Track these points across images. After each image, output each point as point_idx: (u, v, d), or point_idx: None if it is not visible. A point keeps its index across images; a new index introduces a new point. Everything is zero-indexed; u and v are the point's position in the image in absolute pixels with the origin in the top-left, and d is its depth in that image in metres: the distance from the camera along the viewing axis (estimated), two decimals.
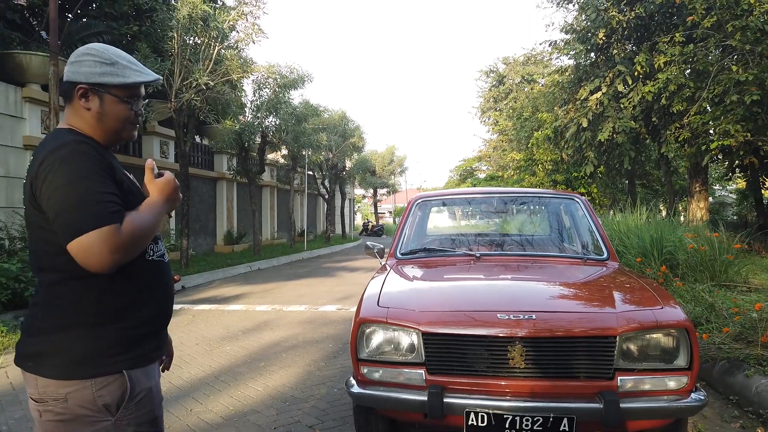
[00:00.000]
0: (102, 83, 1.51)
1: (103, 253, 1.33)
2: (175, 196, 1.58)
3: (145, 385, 1.51)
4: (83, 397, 1.42)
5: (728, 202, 32.28)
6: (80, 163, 1.39)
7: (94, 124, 1.54)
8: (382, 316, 2.69)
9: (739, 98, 10.04)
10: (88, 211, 1.34)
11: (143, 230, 1.43)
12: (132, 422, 1.47)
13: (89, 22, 12.83)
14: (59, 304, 1.46)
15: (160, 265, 1.62)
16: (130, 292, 1.50)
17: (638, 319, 2.50)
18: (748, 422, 3.35)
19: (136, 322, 1.51)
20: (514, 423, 2.41)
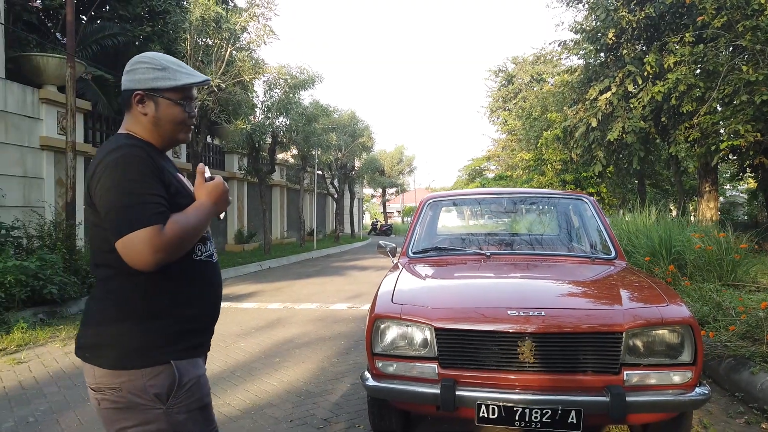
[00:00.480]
0: (155, 87, 1.59)
1: (145, 252, 1.40)
2: (223, 198, 1.63)
3: (193, 374, 1.57)
4: (136, 387, 1.49)
5: (739, 202, 32.09)
6: (130, 166, 1.47)
7: (151, 129, 1.62)
8: (396, 313, 2.79)
9: (749, 98, 10.05)
10: (133, 211, 1.42)
11: (186, 231, 1.48)
12: (183, 410, 1.53)
13: (103, 24, 13.04)
14: (112, 298, 1.54)
15: (208, 265, 1.67)
16: (178, 289, 1.57)
17: (644, 316, 2.59)
18: (753, 418, 3.42)
19: (183, 319, 1.57)
20: (524, 415, 2.51)
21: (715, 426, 3.34)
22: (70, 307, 7.49)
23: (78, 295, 7.69)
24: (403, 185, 46.58)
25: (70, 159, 8.97)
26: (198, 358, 1.63)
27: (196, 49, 12.43)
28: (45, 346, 5.64)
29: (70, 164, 8.97)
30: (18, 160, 9.72)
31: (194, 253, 1.61)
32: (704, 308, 4.98)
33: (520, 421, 2.52)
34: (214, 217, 1.64)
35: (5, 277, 6.62)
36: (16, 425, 3.51)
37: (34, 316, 6.80)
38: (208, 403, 1.63)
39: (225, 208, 1.66)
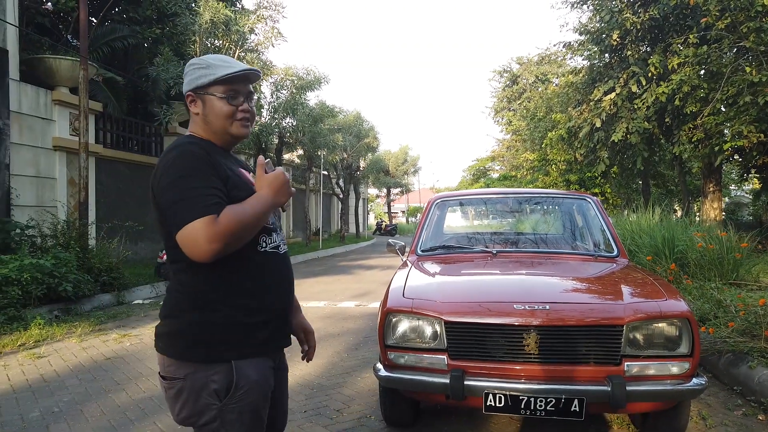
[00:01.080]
0: (199, 86, 1.64)
1: (199, 242, 1.43)
2: (284, 190, 1.60)
3: (251, 378, 1.57)
4: (198, 380, 1.54)
5: (744, 202, 32.09)
6: (184, 163, 1.52)
7: (204, 127, 1.67)
8: (407, 307, 2.94)
9: (752, 99, 10.14)
10: (188, 204, 1.46)
11: (242, 221, 1.48)
12: (235, 410, 1.56)
13: (114, 27, 13.22)
14: (180, 290, 1.60)
15: (274, 256, 1.67)
16: (242, 282, 1.58)
17: (644, 310, 2.73)
18: (750, 410, 3.55)
19: (246, 312, 1.58)
20: (529, 404, 2.64)
21: (714, 418, 3.47)
22: (84, 304, 7.67)
23: (91, 292, 7.87)
24: (407, 185, 46.74)
25: (83, 159, 9.16)
26: (262, 357, 1.64)
27: (205, 51, 12.59)
28: (62, 342, 5.80)
29: (82, 164, 9.16)
30: (31, 161, 9.90)
31: (258, 244, 1.63)
32: (705, 306, 5.10)
33: (525, 410, 2.65)
34: (276, 208, 1.63)
35: (22, 274, 6.80)
36: (41, 415, 3.67)
37: (49, 313, 6.97)
38: (263, 408, 1.63)
39: (286, 199, 1.63)
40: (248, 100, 1.69)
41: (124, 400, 3.94)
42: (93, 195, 11.03)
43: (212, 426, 1.57)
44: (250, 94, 1.70)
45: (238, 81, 1.65)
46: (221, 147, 1.70)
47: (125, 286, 8.81)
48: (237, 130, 1.67)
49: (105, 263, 8.62)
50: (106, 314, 7.35)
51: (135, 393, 4.10)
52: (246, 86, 1.68)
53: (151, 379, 4.41)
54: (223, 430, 1.57)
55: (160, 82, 12.51)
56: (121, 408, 3.77)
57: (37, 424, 3.50)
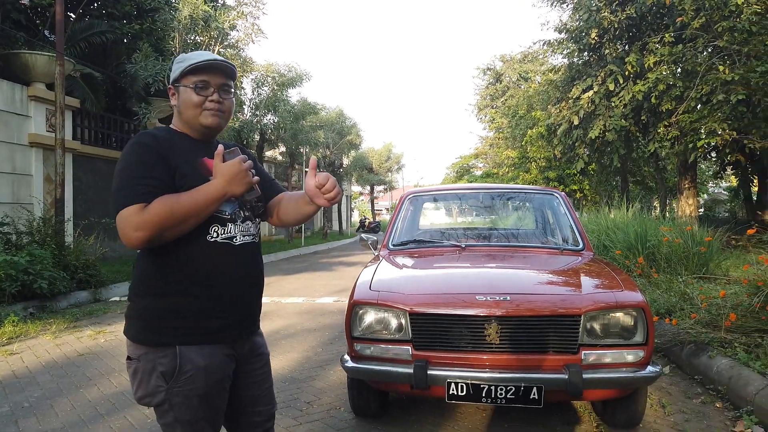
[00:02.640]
0: (175, 78, 1.72)
1: (126, 229, 1.49)
2: (238, 179, 1.57)
3: (197, 363, 1.60)
4: (149, 361, 1.61)
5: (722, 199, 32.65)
6: (130, 154, 1.60)
7: (180, 118, 1.74)
8: (373, 299, 2.99)
9: (725, 97, 10.33)
10: (123, 192, 1.53)
11: (173, 211, 1.50)
12: (180, 394, 1.60)
13: (92, 22, 13.07)
14: (138, 275, 1.68)
15: (226, 248, 1.66)
16: (188, 270, 1.61)
17: (600, 300, 2.81)
18: (709, 398, 3.66)
19: (192, 299, 1.62)
20: (490, 392, 2.71)
21: (673, 405, 3.57)
22: (60, 301, 7.62)
23: (67, 289, 7.82)
24: (391, 183, 46.81)
25: (59, 156, 9.08)
26: (210, 344, 1.65)
27: (184, 47, 12.53)
28: (36, 339, 5.77)
29: (59, 161, 9.08)
30: (7, 157, 9.79)
31: (208, 234, 1.64)
32: (672, 298, 5.23)
33: (486, 398, 2.72)
34: (230, 197, 1.61)
35: None
36: (11, 410, 3.67)
37: (24, 310, 6.92)
38: (211, 393, 1.66)
39: (241, 189, 1.60)
40: (221, 92, 1.71)
41: (95, 395, 3.95)
42: (70, 192, 10.92)
43: (163, 408, 1.64)
44: (225, 86, 1.72)
45: (208, 72, 1.68)
46: (199, 139, 1.75)
47: (102, 283, 8.75)
48: (206, 120, 1.71)
49: (82, 260, 8.56)
50: (82, 311, 7.32)
51: (107, 388, 4.11)
52: (219, 78, 1.71)
53: (124, 375, 4.42)
54: (171, 412, 1.63)
55: (139, 79, 12.42)
56: (92, 403, 3.78)
57: (6, 419, 3.50)
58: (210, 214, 1.60)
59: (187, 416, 1.63)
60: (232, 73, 1.74)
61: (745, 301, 4.16)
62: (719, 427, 3.20)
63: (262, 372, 1.90)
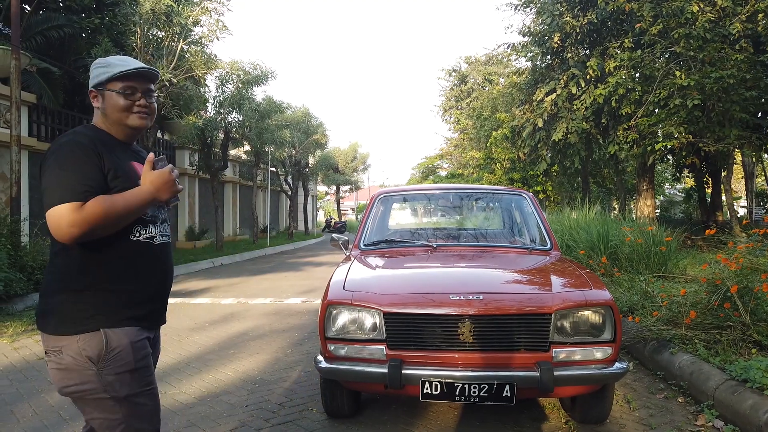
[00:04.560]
0: (99, 82, 1.81)
1: (61, 225, 1.59)
2: (166, 187, 1.74)
3: (122, 342, 1.73)
4: (72, 350, 1.70)
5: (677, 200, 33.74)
6: (67, 151, 1.68)
7: (104, 119, 1.84)
8: (347, 299, 2.99)
9: (682, 102, 10.69)
10: (59, 188, 1.61)
11: (108, 212, 1.62)
12: (111, 371, 1.72)
13: (49, 15, 12.70)
14: (55, 271, 1.76)
15: (147, 246, 1.81)
16: (110, 266, 1.74)
17: (570, 299, 2.88)
18: (671, 393, 3.78)
19: (115, 292, 1.75)
20: (464, 390, 2.75)
21: (638, 401, 3.68)
22: (17, 303, 7.35)
23: (24, 291, 7.55)
24: (357, 182, 46.79)
25: (15, 153, 8.77)
26: (132, 327, 1.77)
27: (146, 42, 12.25)
28: None
29: (14, 158, 8.77)
30: None
31: (132, 233, 1.77)
32: (634, 297, 5.38)
33: (460, 396, 2.76)
34: (160, 203, 1.78)
35: None
36: None
37: None
38: (140, 368, 1.78)
39: (168, 196, 1.77)
40: (147, 96, 1.85)
41: (57, 399, 3.82)
42: (26, 190, 10.56)
43: (97, 393, 1.72)
44: (149, 91, 1.87)
45: (134, 78, 1.82)
46: (121, 139, 1.86)
47: None
48: (134, 122, 1.84)
49: (39, 261, 8.26)
50: None
51: None
52: (145, 84, 1.85)
53: None
54: (107, 394, 1.72)
55: None
56: (55, 408, 3.66)
57: None
58: (138, 216, 1.75)
59: (124, 392, 1.73)
60: (155, 78, 1.90)
61: (704, 299, 4.30)
62: (682, 421, 3.32)
63: (156, 357, 2.04)
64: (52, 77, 12.65)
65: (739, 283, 4.03)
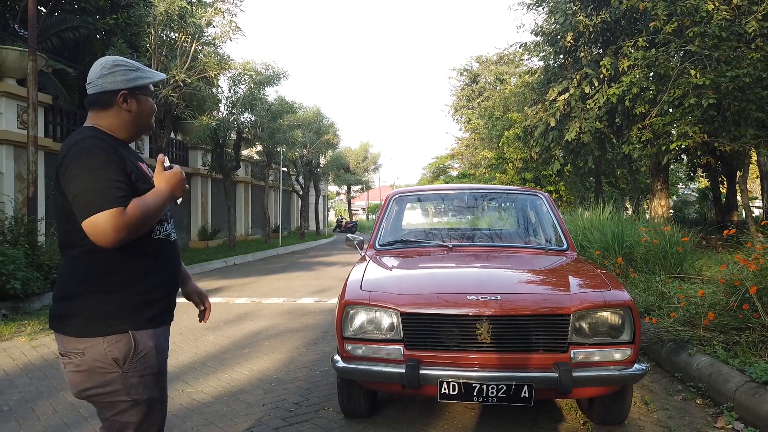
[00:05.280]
0: (138, 86, 1.83)
1: (108, 231, 1.58)
2: (179, 186, 1.81)
3: (148, 344, 1.76)
4: (97, 352, 1.69)
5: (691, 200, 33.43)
6: (95, 154, 1.66)
7: (130, 122, 1.85)
8: (364, 299, 3.00)
9: (696, 101, 10.59)
10: (98, 194, 1.60)
11: (146, 213, 1.67)
12: (136, 374, 1.73)
13: (64, 16, 12.82)
14: (76, 274, 1.74)
15: (166, 243, 1.87)
16: (136, 265, 1.76)
17: (589, 299, 2.86)
18: (690, 395, 3.76)
19: (140, 291, 1.76)
20: (481, 390, 2.74)
21: (655, 403, 3.66)
22: (34, 302, 7.44)
23: (41, 290, 7.63)
24: (368, 182, 46.83)
25: (32, 153, 8.86)
26: (155, 328, 1.81)
27: (160, 44, 12.34)
28: (11, 341, 5.63)
29: (31, 159, 8.86)
30: None
31: (153, 232, 1.81)
32: (650, 298, 5.35)
33: (477, 397, 2.75)
34: (172, 201, 1.83)
35: None
36: None
37: None
38: (162, 372, 1.83)
39: (180, 194, 1.83)
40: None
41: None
42: (42, 190, 10.66)
43: (117, 395, 1.72)
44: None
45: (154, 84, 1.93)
46: (125, 141, 1.89)
47: None
48: (152, 125, 1.98)
49: (55, 260, 8.34)
50: None
51: None
52: None
53: None
54: (128, 397, 1.73)
55: None
56: (74, 405, 3.70)
57: None
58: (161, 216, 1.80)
59: (145, 395, 1.76)
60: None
61: (722, 300, 4.27)
62: (701, 423, 3.29)
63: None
64: (67, 78, 12.77)
65: (759, 284, 3.99)
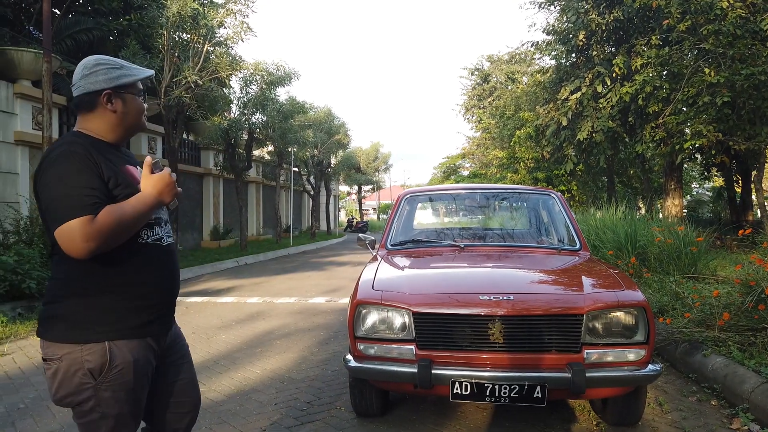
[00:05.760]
0: (122, 84, 1.76)
1: (76, 240, 1.53)
2: (168, 190, 1.73)
3: (126, 358, 1.68)
4: (74, 360, 1.64)
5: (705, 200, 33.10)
6: (65, 163, 1.61)
7: (117, 123, 1.78)
8: (376, 299, 3.00)
9: (711, 100, 10.49)
10: (66, 203, 1.56)
11: (121, 221, 1.60)
12: (109, 389, 1.67)
13: (78, 18, 12.95)
14: (59, 278, 1.70)
15: (155, 248, 1.78)
16: (119, 270, 1.69)
17: (602, 300, 2.84)
18: (704, 396, 3.72)
19: (123, 297, 1.70)
20: (494, 391, 2.73)
21: (670, 404, 3.62)
22: None
23: None
24: (378, 182, 46.82)
25: None
26: (139, 339, 1.73)
27: (172, 45, 12.42)
28: (27, 339, 5.70)
29: None
30: None
31: (140, 236, 1.73)
32: (664, 298, 5.30)
33: (490, 397, 2.74)
34: (162, 206, 1.76)
35: None
36: (7, 411, 3.62)
37: (12, 311, 6.82)
38: (137, 388, 1.74)
39: (170, 199, 1.76)
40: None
41: None
42: None
43: (88, 405, 1.67)
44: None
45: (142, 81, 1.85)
46: (113, 143, 1.81)
47: None
48: (143, 125, 1.89)
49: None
50: None
51: None
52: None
53: None
54: (98, 409, 1.67)
55: None
56: None
57: (3, 421, 3.46)
58: (145, 222, 1.73)
59: (114, 410, 1.69)
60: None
61: (737, 300, 4.22)
62: (716, 425, 3.26)
63: (183, 362, 1.98)
64: None
65: None
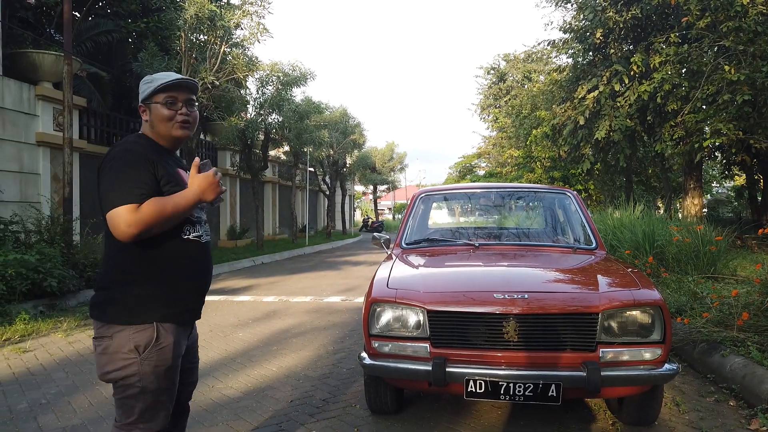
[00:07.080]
0: (145, 97, 1.98)
1: (120, 225, 1.76)
2: (209, 189, 1.88)
3: (168, 339, 1.91)
4: (122, 338, 1.86)
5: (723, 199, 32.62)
6: (123, 158, 1.86)
7: (152, 130, 2.01)
8: (391, 297, 3.01)
9: (731, 97, 10.33)
10: (117, 192, 1.79)
11: (161, 212, 1.79)
12: (152, 363, 1.88)
13: (98, 21, 13.13)
14: (112, 265, 1.93)
15: (195, 244, 1.99)
16: (164, 262, 1.91)
17: (618, 298, 2.83)
18: (722, 396, 3.68)
19: (167, 287, 1.92)
20: (508, 389, 2.74)
21: (687, 404, 3.59)
22: (69, 299, 7.65)
23: (77, 288, 7.85)
24: (394, 182, 46.84)
25: (67, 155, 9.11)
26: (178, 325, 1.95)
27: (190, 46, 12.55)
28: (48, 337, 5.81)
29: (66, 160, 9.11)
30: (14, 156, 9.83)
31: (183, 232, 1.95)
32: (682, 298, 5.25)
33: (504, 395, 2.75)
34: (204, 203, 1.92)
35: (6, 270, 6.77)
36: (29, 406, 3.70)
37: (34, 308, 6.95)
38: (174, 366, 1.95)
39: (212, 197, 1.90)
40: (187, 105, 2.00)
41: (111, 391, 3.95)
42: (77, 191, 10.95)
43: (131, 380, 1.87)
44: (190, 101, 2.02)
45: (175, 89, 1.97)
46: (167, 148, 2.03)
47: None
48: (177, 132, 2.00)
49: (90, 259, 8.59)
50: None
51: None
52: (184, 94, 1.99)
53: None
54: (139, 383, 1.87)
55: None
56: (110, 399, 3.80)
57: (26, 415, 3.54)
58: (186, 216, 1.91)
59: (153, 385, 1.89)
60: (195, 89, 2.04)
61: (757, 300, 4.17)
62: (734, 425, 3.22)
63: (194, 348, 2.23)
64: (101, 81, 13.09)
65: None
